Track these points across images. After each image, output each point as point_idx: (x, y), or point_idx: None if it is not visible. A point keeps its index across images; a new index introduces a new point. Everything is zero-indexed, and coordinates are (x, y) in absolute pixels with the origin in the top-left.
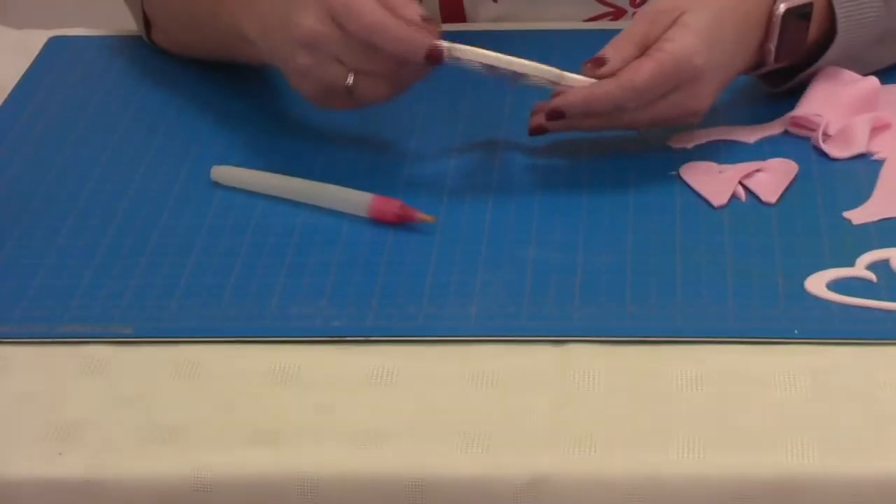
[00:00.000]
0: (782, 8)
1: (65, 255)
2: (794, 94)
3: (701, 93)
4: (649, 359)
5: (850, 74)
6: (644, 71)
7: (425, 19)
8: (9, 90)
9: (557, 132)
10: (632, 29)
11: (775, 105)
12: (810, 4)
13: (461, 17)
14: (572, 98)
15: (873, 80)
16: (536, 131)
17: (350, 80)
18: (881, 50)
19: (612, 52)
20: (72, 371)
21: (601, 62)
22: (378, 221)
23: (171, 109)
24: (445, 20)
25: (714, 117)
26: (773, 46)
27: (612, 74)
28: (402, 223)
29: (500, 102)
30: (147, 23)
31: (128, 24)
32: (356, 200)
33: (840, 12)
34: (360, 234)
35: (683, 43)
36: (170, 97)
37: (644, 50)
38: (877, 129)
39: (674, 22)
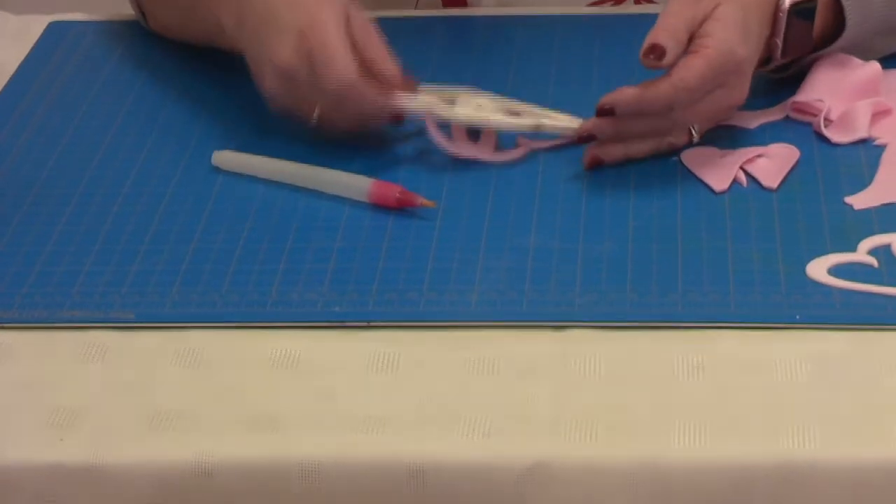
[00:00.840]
0: (788, 2)
1: (66, 241)
2: (796, 80)
3: (742, 85)
4: (650, 345)
5: (851, 60)
6: (695, 69)
7: (402, 76)
8: (9, 76)
9: (608, 160)
10: (678, 11)
11: (777, 90)
12: (814, 1)
13: (463, 2)
14: (625, 94)
15: (875, 66)
16: (593, 163)
17: (316, 115)
18: (887, 40)
19: (667, 38)
20: (73, 357)
21: (660, 52)
22: (379, 207)
23: (172, 94)
24: (447, 5)
25: None
26: (779, 41)
27: (669, 66)
28: (402, 208)
29: (502, 86)
30: (142, 11)
31: (127, 9)
32: (357, 185)
33: (848, 5)
34: (360, 220)
35: (726, 37)
36: (170, 82)
37: (691, 34)
38: (878, 115)
39: (711, 13)
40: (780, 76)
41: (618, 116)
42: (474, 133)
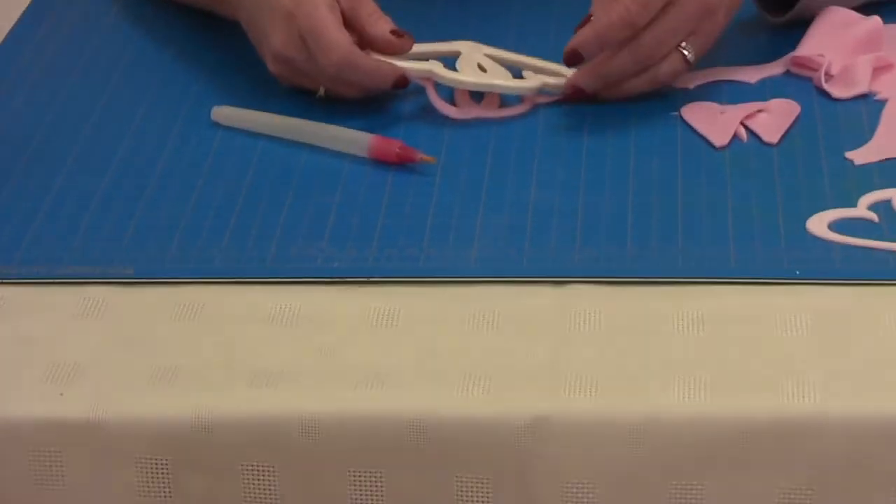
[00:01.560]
0: None
1: (64, 198)
2: (796, 34)
3: None
4: (650, 300)
5: (852, 14)
6: None
7: (396, 33)
8: (4, 34)
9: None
10: None
11: (777, 45)
12: None
13: None
14: (584, 34)
15: (876, 20)
16: (572, 92)
17: (321, 91)
18: None
19: (598, 8)
20: (72, 312)
21: (587, 20)
22: (378, 162)
23: (171, 50)
24: None
25: (715, 57)
26: None
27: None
28: (402, 164)
29: (503, 37)
30: None
31: None
32: (357, 141)
33: None
34: (360, 175)
35: None
36: (169, 38)
37: None
38: (879, 70)
39: None
40: (780, 21)
41: (593, 61)
42: (477, 92)
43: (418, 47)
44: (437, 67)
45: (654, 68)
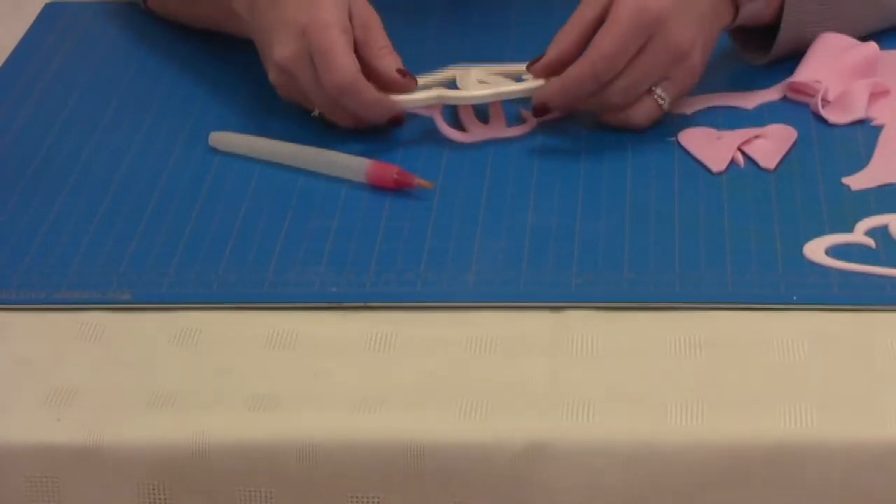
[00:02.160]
0: None
1: (63, 222)
2: (792, 60)
3: (677, 31)
4: (647, 324)
5: (848, 40)
6: (606, 37)
7: (402, 72)
8: (5, 57)
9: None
10: (570, 23)
11: (774, 71)
12: None
13: None
14: (551, 89)
15: (872, 46)
16: (539, 109)
17: (316, 112)
18: (860, 5)
19: (552, 46)
20: (70, 337)
21: (538, 59)
22: (376, 187)
23: (169, 75)
24: None
25: (712, 83)
26: None
27: (550, 65)
28: (400, 189)
29: (500, 54)
30: None
31: None
32: (354, 166)
33: None
34: (358, 200)
35: None
36: (167, 63)
37: (593, 33)
38: (876, 95)
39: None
40: (761, 63)
41: (555, 110)
42: (482, 114)
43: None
44: (443, 92)
45: (625, 112)
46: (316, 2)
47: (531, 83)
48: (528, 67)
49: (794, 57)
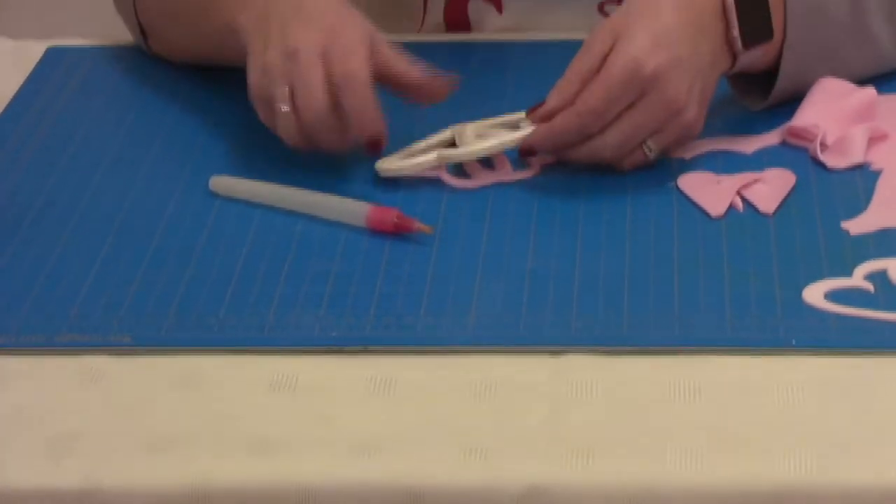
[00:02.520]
0: None
1: (63, 266)
2: (791, 105)
3: (672, 87)
4: (647, 369)
5: (846, 85)
6: (594, 90)
7: (428, 79)
8: (7, 100)
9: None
10: (573, 66)
11: (772, 116)
12: None
13: (466, 27)
14: (538, 134)
15: (870, 91)
16: (525, 151)
17: (284, 108)
18: (857, 52)
19: (553, 93)
20: (70, 380)
21: (538, 106)
22: (376, 231)
23: (169, 119)
24: (451, 30)
25: (711, 128)
26: (736, 33)
27: (549, 113)
28: (399, 233)
29: (501, 111)
30: (143, 32)
31: (124, 34)
32: (354, 210)
33: (791, 3)
34: (358, 244)
35: (625, 51)
36: (168, 107)
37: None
38: (874, 140)
39: (620, 34)
40: (759, 108)
41: (542, 155)
42: (485, 159)
43: (409, 149)
44: (443, 152)
45: (617, 161)
46: (338, 23)
47: (529, 130)
48: (527, 114)
49: (793, 101)
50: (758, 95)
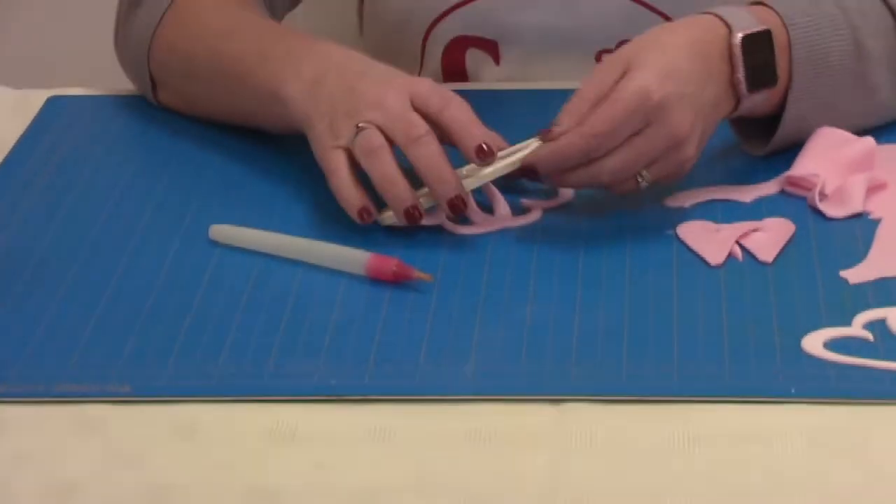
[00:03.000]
0: (739, 36)
1: (62, 314)
2: (790, 154)
3: (677, 119)
4: (646, 417)
5: (845, 134)
6: (603, 115)
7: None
8: (8, 149)
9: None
10: (584, 89)
11: (771, 165)
12: (767, 31)
13: (463, 77)
14: (542, 153)
15: (869, 140)
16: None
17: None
18: (859, 100)
19: (565, 116)
20: (69, 430)
21: (552, 126)
22: (375, 280)
23: (170, 168)
24: (448, 80)
25: (710, 176)
26: (741, 76)
27: (560, 135)
28: (399, 281)
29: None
30: (153, 82)
31: (125, 84)
32: (354, 259)
33: (795, 37)
34: (357, 293)
35: (635, 79)
36: (168, 156)
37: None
38: (873, 189)
39: (624, 72)
40: (760, 154)
41: (545, 175)
42: (487, 208)
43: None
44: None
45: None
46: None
47: (531, 144)
48: (538, 135)
49: (793, 149)
50: (758, 141)
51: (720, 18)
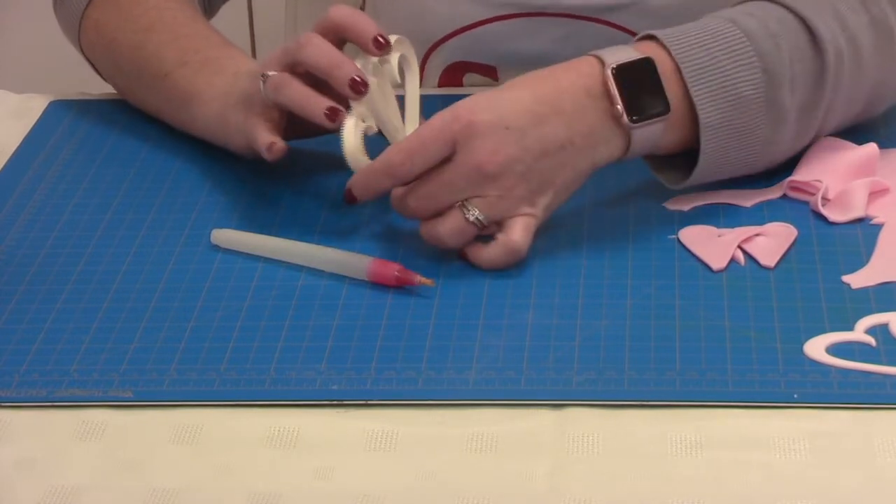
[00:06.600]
0: (610, 70)
1: (64, 319)
2: (792, 159)
3: (485, 150)
4: (648, 423)
5: (846, 142)
6: (410, 136)
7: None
8: (10, 154)
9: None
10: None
11: (774, 170)
12: (647, 59)
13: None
14: (355, 178)
15: (871, 146)
16: (349, 198)
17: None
18: (774, 128)
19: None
20: (71, 435)
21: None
22: (377, 285)
23: (171, 173)
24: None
25: (712, 182)
26: (620, 108)
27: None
28: (401, 287)
29: None
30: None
31: None
32: (355, 264)
33: (682, 59)
34: (359, 298)
35: (455, 106)
36: (170, 160)
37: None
38: (875, 194)
39: None
40: (677, 188)
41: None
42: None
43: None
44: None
45: (433, 223)
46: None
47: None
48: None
49: (712, 184)
50: (678, 174)
51: (597, 57)
